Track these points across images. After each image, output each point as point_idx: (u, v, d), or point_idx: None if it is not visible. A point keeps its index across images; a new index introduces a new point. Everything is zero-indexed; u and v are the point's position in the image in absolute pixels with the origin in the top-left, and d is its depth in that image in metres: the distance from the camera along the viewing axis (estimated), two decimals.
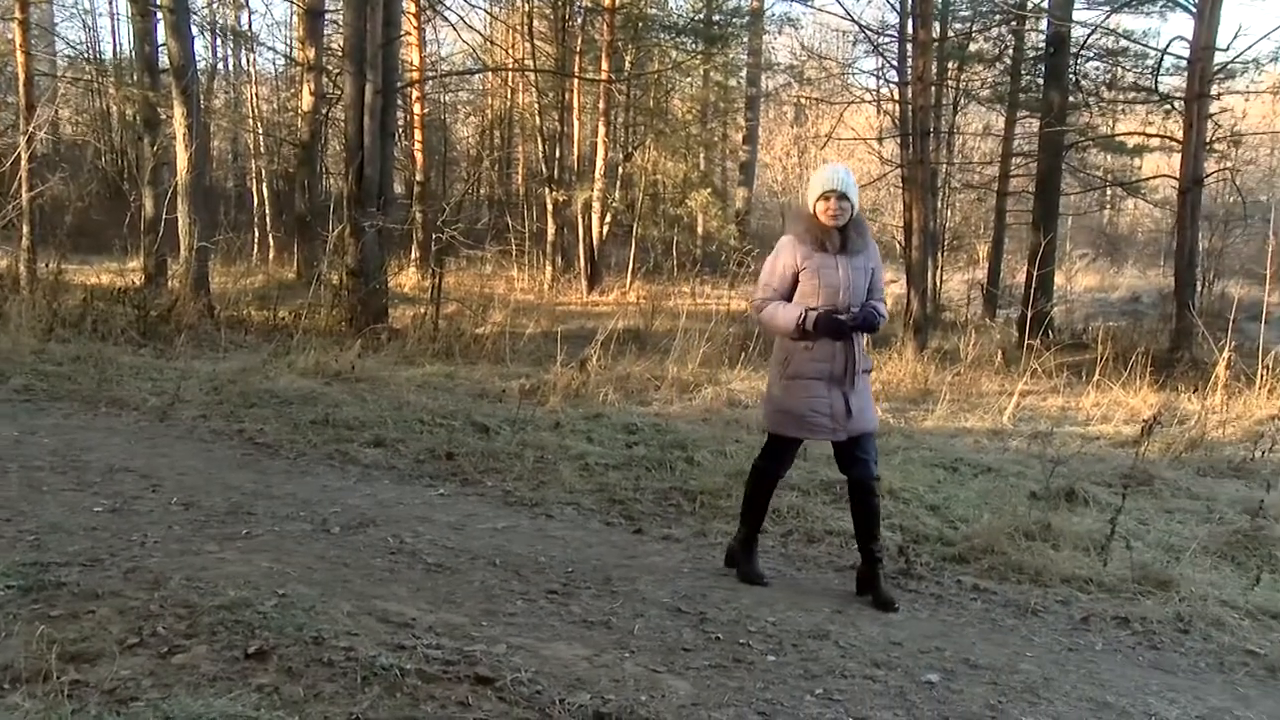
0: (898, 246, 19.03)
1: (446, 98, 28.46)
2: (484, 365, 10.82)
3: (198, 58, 16.26)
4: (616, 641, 3.80)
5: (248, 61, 26.85)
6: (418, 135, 22.52)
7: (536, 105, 22.60)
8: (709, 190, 24.10)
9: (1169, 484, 7.10)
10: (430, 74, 24.05)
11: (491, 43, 25.36)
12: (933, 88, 17.17)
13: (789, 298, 4.49)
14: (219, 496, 5.33)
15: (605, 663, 3.56)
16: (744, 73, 28.15)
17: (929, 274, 17.18)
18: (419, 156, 22.45)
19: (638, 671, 3.51)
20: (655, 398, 9.65)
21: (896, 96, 17.89)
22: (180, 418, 7.32)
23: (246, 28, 26.97)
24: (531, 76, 22.26)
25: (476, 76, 27.28)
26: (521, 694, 3.18)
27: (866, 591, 4.62)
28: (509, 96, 26.22)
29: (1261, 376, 10.61)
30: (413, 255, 20.81)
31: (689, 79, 26.46)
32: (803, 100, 28.32)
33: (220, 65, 27.88)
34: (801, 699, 3.43)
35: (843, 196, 4.39)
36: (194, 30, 14.73)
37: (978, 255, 23.45)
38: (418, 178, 22.54)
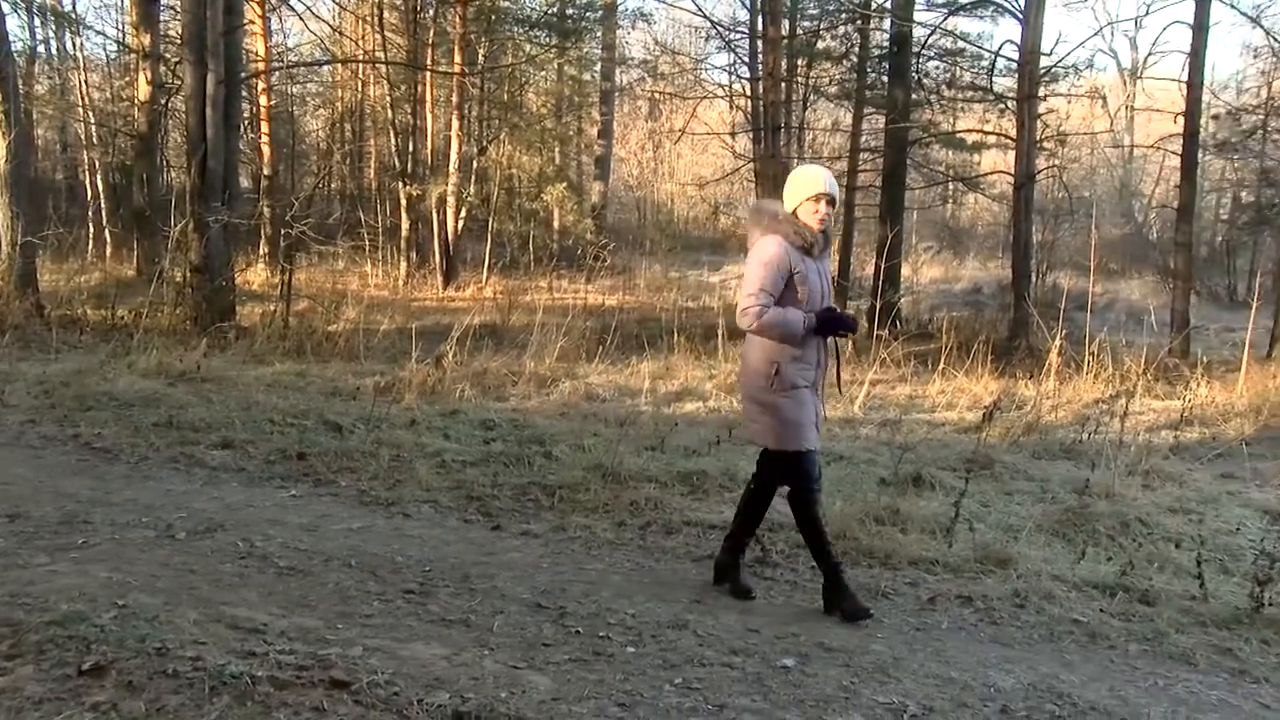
0: None
1: (294, 89, 27.61)
2: (337, 363, 10.57)
3: (13, 38, 15.36)
4: (475, 639, 3.77)
5: (74, 46, 25.43)
6: (264, 128, 21.82)
7: (388, 98, 22.16)
8: (565, 185, 24.06)
9: (1008, 467, 7.44)
10: (277, 65, 23.31)
11: (340, 34, 24.74)
12: (783, 84, 17.56)
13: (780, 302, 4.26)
14: (50, 505, 5.06)
15: (464, 661, 3.53)
16: (598, 67, 28.21)
17: None
18: (266, 150, 21.75)
19: (497, 668, 3.49)
20: (513, 393, 9.60)
21: (748, 92, 18.25)
22: (4, 423, 6.93)
23: (71, 9, 25.65)
24: (382, 69, 21.80)
25: (326, 68, 26.61)
26: (378, 696, 3.12)
27: (726, 580, 4.63)
28: (360, 89, 25.63)
29: (1088, 363, 11.19)
30: (261, 251, 20.15)
31: (543, 73, 26.35)
32: (657, 95, 28.56)
33: (42, 48, 26.40)
34: (661, 689, 3.47)
35: (832, 201, 4.29)
36: (5, 8, 13.84)
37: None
38: (265, 171, 21.83)
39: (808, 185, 4.29)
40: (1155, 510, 6.33)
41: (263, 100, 21.95)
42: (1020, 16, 16.69)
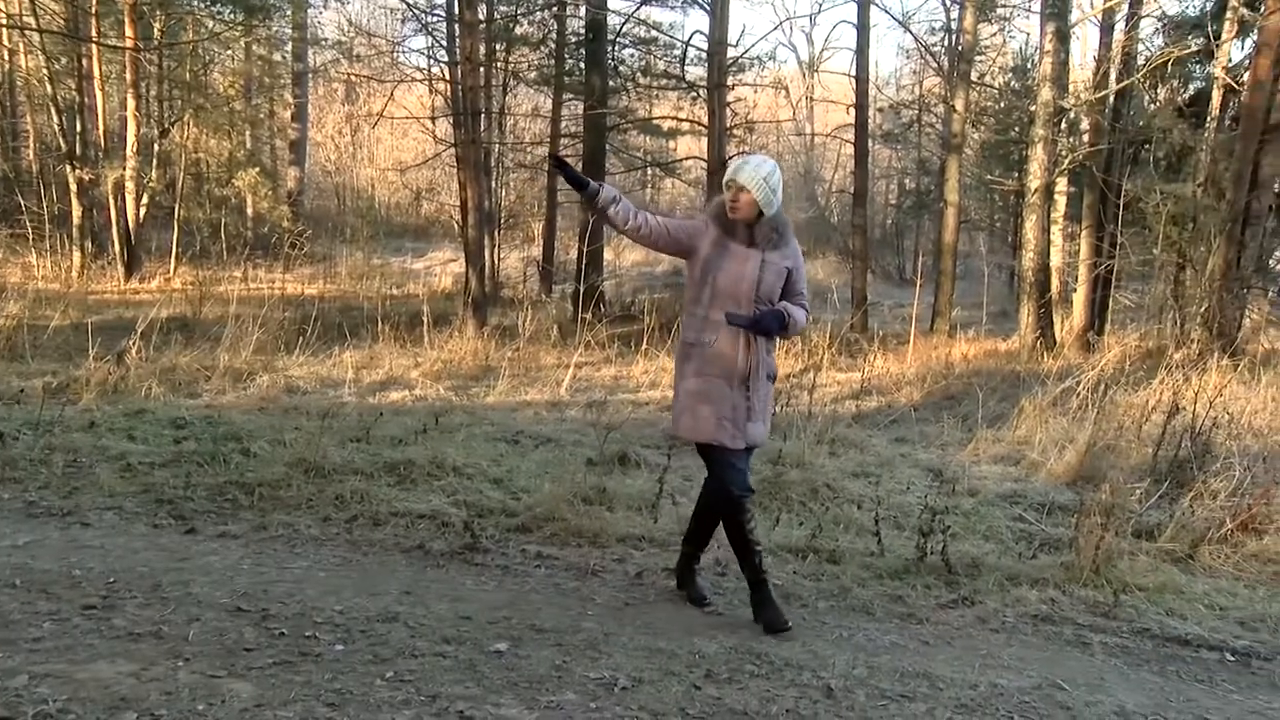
0: (456, 226, 19.20)
1: None
2: None
3: None
4: (169, 651, 3.54)
5: None
6: None
7: (45, 71, 20.19)
8: (258, 170, 22.85)
9: None
10: None
11: None
12: (482, 69, 17.45)
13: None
14: None
15: (156, 675, 3.30)
16: (289, 48, 26.98)
17: (486, 252, 17.51)
18: None
19: (193, 680, 3.29)
20: (206, 389, 9.06)
21: (447, 76, 17.99)
22: None
23: None
24: (35, 38, 19.81)
25: None
26: None
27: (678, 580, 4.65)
28: (8, 58, 23.23)
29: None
30: None
31: (229, 52, 24.90)
32: (353, 78, 27.65)
33: None
34: (372, 684, 3.39)
35: (742, 189, 4.13)
36: None
37: (533, 233, 24.23)
38: None
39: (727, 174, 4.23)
40: (840, 475, 6.81)
41: None
42: (708, 8, 17.42)
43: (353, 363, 10.38)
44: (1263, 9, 14.20)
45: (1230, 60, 16.66)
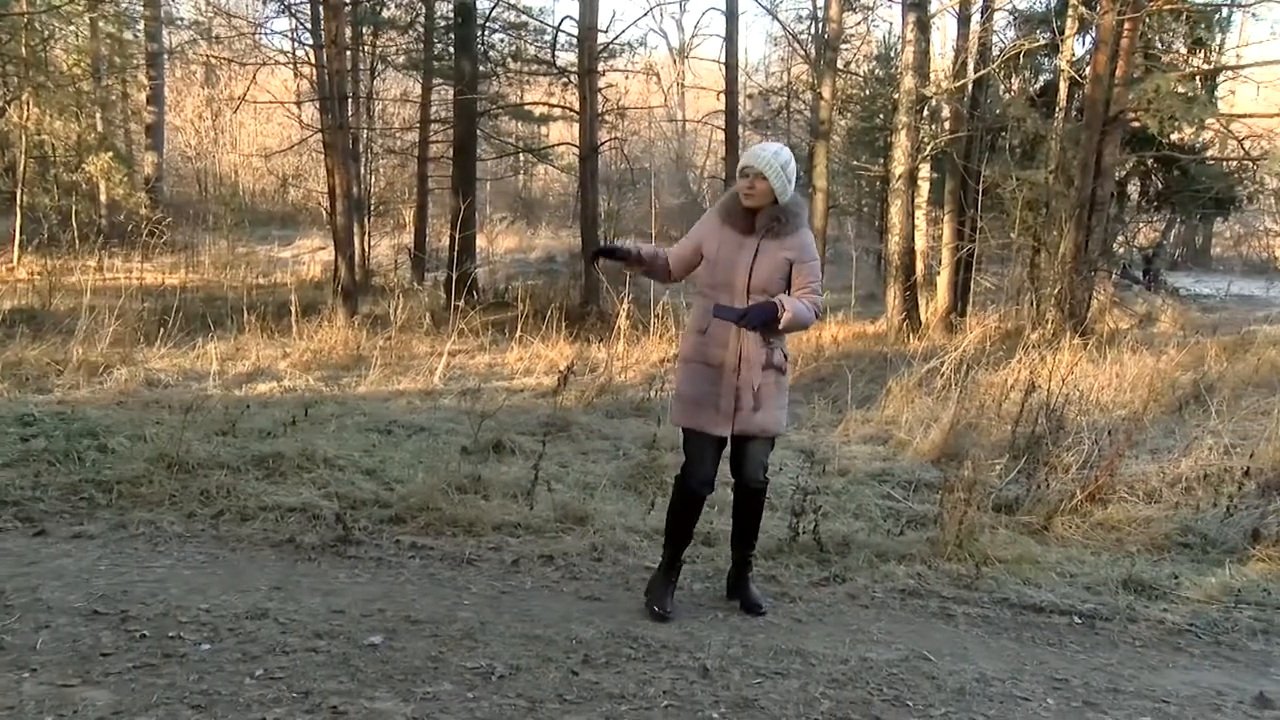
0: (324, 214, 18.76)
1: None
2: None
3: None
4: (13, 662, 3.37)
5: None
6: None
7: None
8: (111, 154, 21.87)
9: (584, 428, 7.78)
10: None
11: None
12: (348, 52, 17.07)
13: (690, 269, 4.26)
14: None
15: None
16: (141, 26, 25.86)
17: (356, 240, 17.16)
18: None
19: (41, 690, 3.15)
20: (57, 384, 8.66)
21: (312, 60, 17.54)
22: None
23: None
24: None
25: None
26: None
27: (732, 597, 4.44)
28: None
29: (654, 325, 11.96)
30: None
31: (72, 27, 23.70)
32: (212, 60, 26.71)
33: None
34: (241, 683, 3.30)
35: (758, 175, 4.05)
36: None
37: (404, 220, 23.81)
38: None
39: (741, 162, 4.15)
40: None
41: None
42: None
43: (218, 354, 10.05)
44: (1098, 8, 14.86)
45: (1074, 54, 17.40)
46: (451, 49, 19.36)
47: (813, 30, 24.59)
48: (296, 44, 20.45)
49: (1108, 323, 16.10)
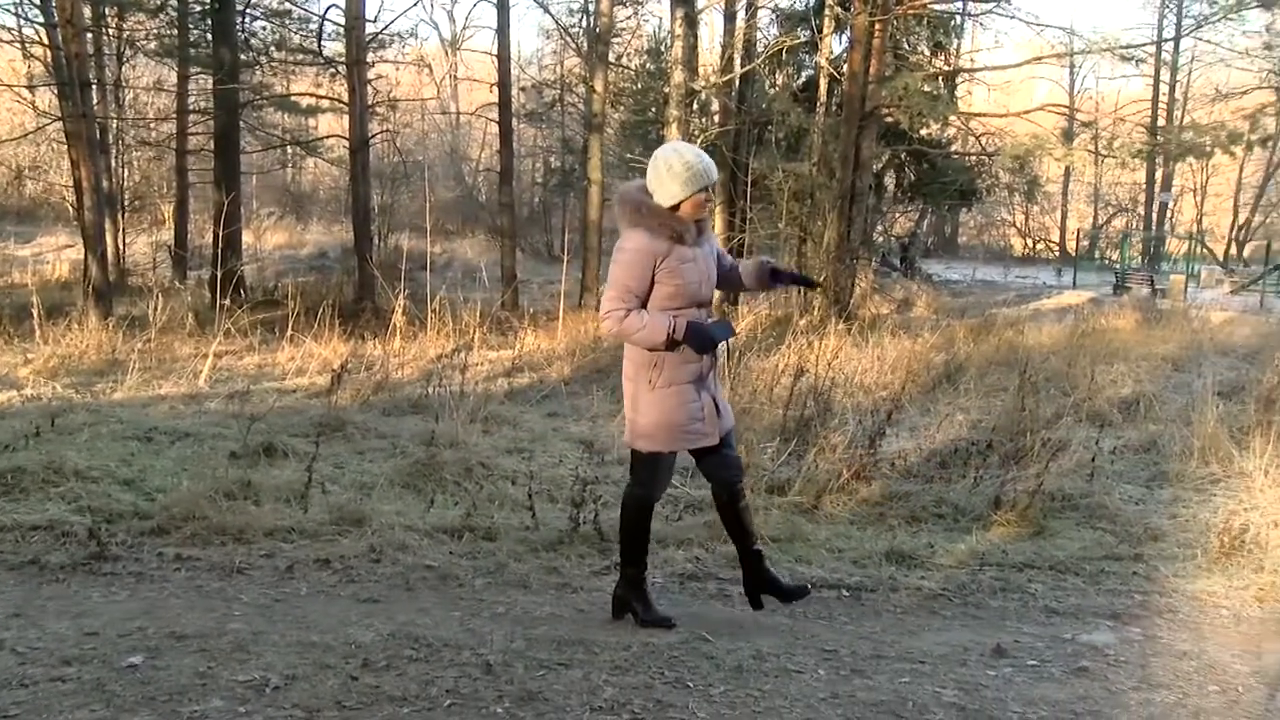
0: (70, 209, 17.50)
1: None
2: None
3: None
4: None
5: None
6: None
7: None
8: None
9: (359, 427, 7.57)
10: None
11: None
12: (89, 34, 15.96)
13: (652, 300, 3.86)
14: None
15: None
16: None
17: (109, 237, 16.11)
18: None
19: None
20: None
21: (44, 39, 16.29)
22: None
23: None
24: None
25: None
26: None
27: (765, 592, 4.18)
28: None
29: (431, 320, 11.78)
30: None
31: None
32: None
33: None
34: None
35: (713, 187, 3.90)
36: None
37: (163, 216, 22.53)
38: None
39: (700, 178, 3.84)
40: (494, 453, 6.85)
41: None
42: None
43: None
44: (852, 9, 15.68)
45: (832, 52, 18.28)
46: (209, 35, 18.43)
47: (584, 24, 24.79)
48: (24, 21, 18.92)
49: (869, 308, 17.00)
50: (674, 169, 3.83)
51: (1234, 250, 42.38)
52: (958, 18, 21.34)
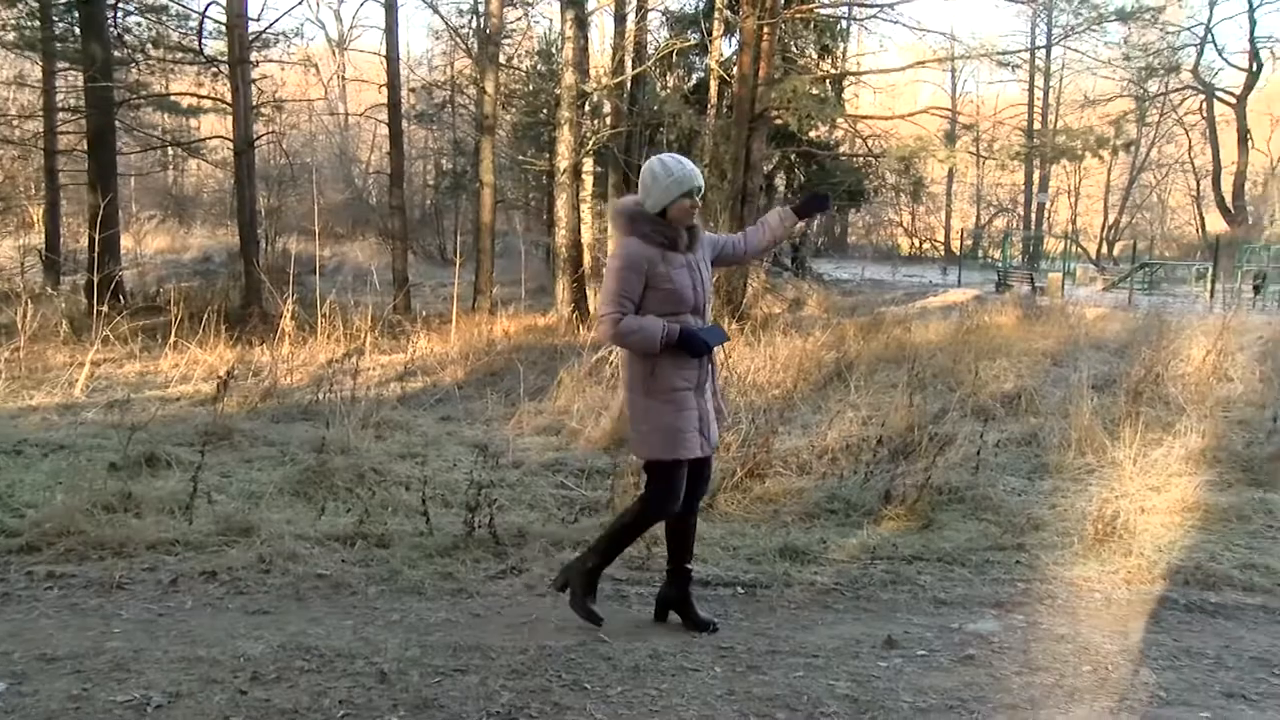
0: None
1: None
2: None
3: None
4: None
5: None
6: None
7: None
8: None
9: (247, 435, 7.37)
10: None
11: None
12: None
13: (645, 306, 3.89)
14: None
15: None
16: None
17: None
18: None
19: None
20: None
21: None
22: None
23: None
24: None
25: None
26: None
27: (679, 611, 4.23)
28: None
29: (320, 325, 11.53)
30: None
31: None
32: None
33: None
34: None
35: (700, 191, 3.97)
36: None
37: (32, 218, 21.59)
38: None
39: (680, 183, 3.89)
40: (387, 458, 6.73)
41: None
42: None
43: None
44: (741, 12, 15.88)
45: (722, 55, 18.47)
46: (77, 29, 17.72)
47: (474, 25, 24.57)
48: None
49: (761, 308, 17.21)
50: (657, 176, 3.94)
51: (1105, 249, 44.14)
52: (844, 22, 21.76)
